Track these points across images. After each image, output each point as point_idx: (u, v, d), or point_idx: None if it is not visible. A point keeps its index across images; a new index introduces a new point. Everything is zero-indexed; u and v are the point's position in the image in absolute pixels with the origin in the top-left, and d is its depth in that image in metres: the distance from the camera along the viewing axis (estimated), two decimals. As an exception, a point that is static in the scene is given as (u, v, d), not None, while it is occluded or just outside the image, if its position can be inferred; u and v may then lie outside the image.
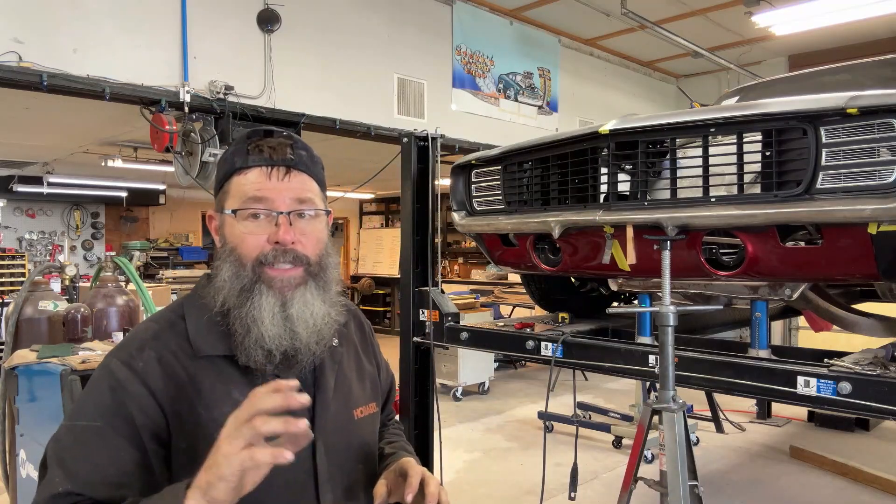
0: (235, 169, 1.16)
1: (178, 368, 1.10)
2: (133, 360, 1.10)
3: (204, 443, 1.02)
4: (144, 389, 1.07)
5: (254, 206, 1.13)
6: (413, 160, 3.38)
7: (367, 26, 5.88)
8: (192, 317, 1.16)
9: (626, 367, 2.46)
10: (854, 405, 1.89)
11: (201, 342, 1.13)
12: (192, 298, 1.20)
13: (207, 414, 1.08)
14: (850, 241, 1.89)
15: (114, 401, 1.07)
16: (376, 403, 1.34)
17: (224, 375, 1.12)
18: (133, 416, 1.06)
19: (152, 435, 1.07)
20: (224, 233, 1.17)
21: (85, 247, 12.14)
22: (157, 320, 1.19)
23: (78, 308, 3.19)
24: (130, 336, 1.18)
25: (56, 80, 4.10)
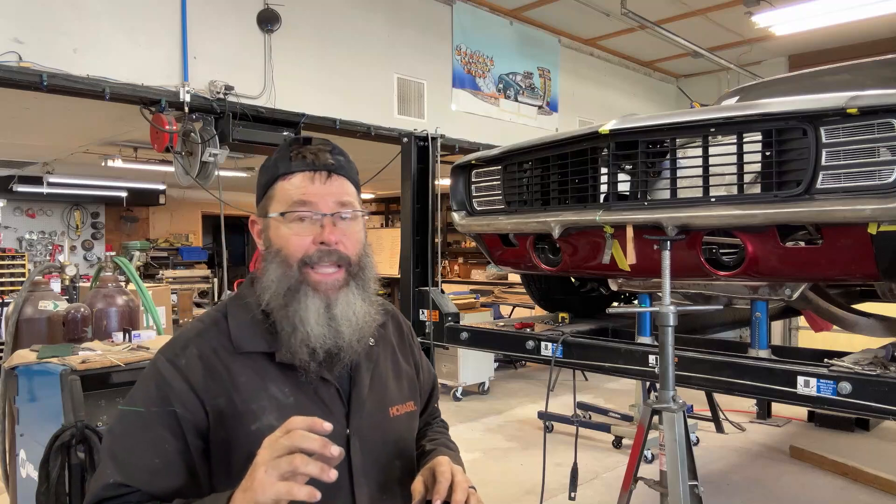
0: (279, 175, 1.22)
1: (218, 364, 1.16)
2: (177, 357, 1.17)
3: (241, 433, 1.12)
4: (186, 385, 1.14)
5: (300, 209, 1.19)
6: (413, 160, 3.38)
7: (367, 26, 5.88)
8: (235, 316, 1.22)
9: (626, 367, 2.46)
10: (854, 405, 1.89)
11: (241, 339, 1.18)
12: (235, 299, 1.26)
13: (244, 406, 1.14)
14: (850, 241, 1.89)
15: (159, 395, 1.14)
16: (414, 402, 1.37)
17: (262, 371, 1.17)
18: (176, 410, 1.12)
19: (193, 428, 1.13)
20: (269, 236, 1.23)
21: (85, 247, 12.14)
22: (203, 319, 1.26)
23: (78, 308, 3.18)
24: (178, 334, 1.25)
25: (56, 80, 4.10)
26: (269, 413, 1.14)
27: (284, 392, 1.17)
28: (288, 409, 1.13)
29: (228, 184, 9.43)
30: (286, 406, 1.15)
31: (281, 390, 1.17)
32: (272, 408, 1.14)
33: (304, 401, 1.17)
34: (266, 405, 1.14)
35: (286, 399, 1.16)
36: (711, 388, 2.30)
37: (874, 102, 1.78)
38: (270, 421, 1.12)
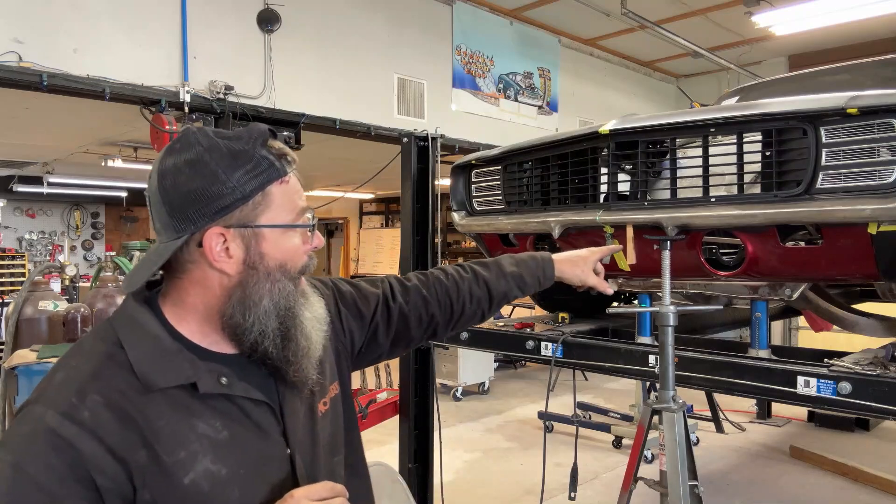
0: (274, 178, 1.03)
1: (131, 409, 0.93)
2: (76, 409, 0.91)
3: (172, 491, 0.94)
4: (99, 446, 0.90)
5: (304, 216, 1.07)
6: (413, 160, 3.38)
7: (367, 26, 5.88)
8: (135, 346, 0.98)
9: (626, 367, 2.46)
10: (854, 405, 1.89)
11: (152, 374, 0.96)
12: (126, 324, 1.02)
13: (171, 457, 0.94)
14: (850, 241, 1.89)
15: (63, 463, 0.88)
16: (339, 381, 1.24)
17: (183, 408, 0.97)
18: (95, 481, 0.89)
19: (116, 498, 0.91)
20: (260, 250, 1.02)
21: (85, 247, 12.14)
22: (88, 355, 0.99)
23: (78, 308, 3.19)
24: (62, 377, 0.97)
25: (56, 80, 4.10)
26: (203, 456, 0.96)
27: (215, 427, 0.98)
28: (222, 446, 0.98)
29: (228, 184, 9.41)
30: (220, 442, 0.98)
31: (211, 425, 0.98)
32: (205, 449, 0.96)
33: (238, 431, 1.01)
34: (197, 448, 0.96)
35: (219, 434, 0.98)
36: (711, 388, 2.30)
37: (874, 102, 1.78)
38: (206, 465, 0.96)
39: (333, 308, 1.29)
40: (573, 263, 1.65)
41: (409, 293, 1.40)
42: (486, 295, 1.47)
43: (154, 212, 1.04)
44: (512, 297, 1.54)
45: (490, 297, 1.48)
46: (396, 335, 1.38)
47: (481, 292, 1.47)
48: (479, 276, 1.48)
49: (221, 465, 0.97)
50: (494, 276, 1.50)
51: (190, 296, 1.03)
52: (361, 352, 1.35)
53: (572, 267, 1.65)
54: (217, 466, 0.97)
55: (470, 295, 1.45)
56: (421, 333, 1.42)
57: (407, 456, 3.39)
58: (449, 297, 1.43)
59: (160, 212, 1.02)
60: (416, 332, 1.40)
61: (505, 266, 1.53)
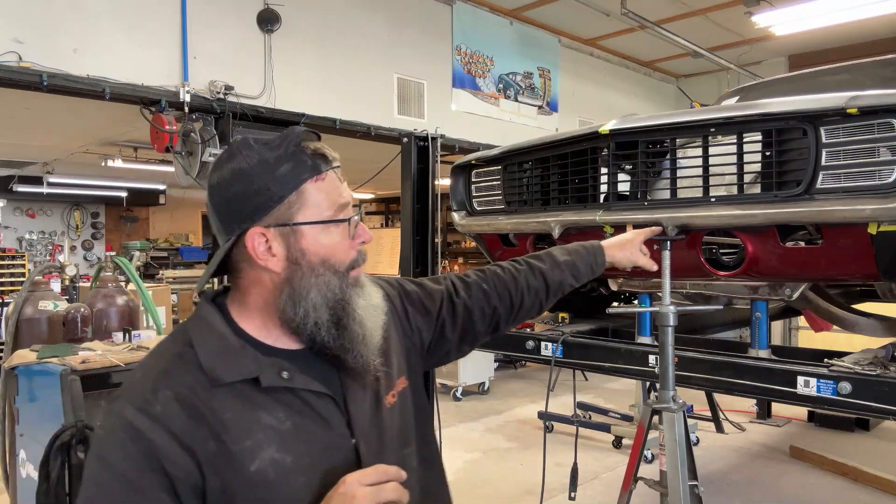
0: (308, 177, 1.08)
1: (199, 403, 1.01)
2: (149, 404, 1.00)
3: (240, 478, 0.99)
4: (169, 437, 0.98)
5: (345, 212, 1.11)
6: (413, 160, 3.38)
7: (367, 26, 5.88)
8: (203, 344, 1.06)
9: (626, 367, 2.46)
10: (854, 405, 1.90)
11: (219, 369, 1.03)
12: (196, 324, 1.10)
13: (237, 445, 1.00)
14: (850, 241, 1.89)
15: (139, 453, 0.97)
16: (406, 376, 1.27)
17: (248, 400, 1.03)
18: (165, 468, 0.97)
19: (187, 485, 0.98)
20: (301, 247, 1.07)
21: (85, 247, 12.14)
22: (161, 354, 1.09)
23: (78, 308, 3.19)
24: (140, 375, 1.07)
25: (56, 80, 4.10)
26: (268, 446, 1.02)
27: (279, 418, 1.04)
28: (287, 436, 1.04)
29: (228, 184, 9.41)
30: (284, 433, 1.04)
31: (275, 417, 1.04)
32: (269, 439, 1.02)
33: (302, 422, 1.06)
34: (262, 438, 1.01)
35: (282, 425, 1.04)
36: (711, 388, 2.30)
37: (874, 102, 1.78)
38: (271, 454, 1.02)
39: (400, 307, 1.34)
40: (622, 247, 1.72)
41: (470, 288, 1.44)
42: (543, 285, 1.52)
43: (210, 218, 1.13)
44: (567, 287, 1.57)
45: (547, 287, 1.52)
46: (463, 330, 1.42)
47: (538, 283, 1.51)
48: (535, 268, 1.52)
49: (286, 453, 1.02)
50: (549, 266, 1.54)
51: (250, 294, 1.11)
52: (431, 348, 1.39)
53: (621, 250, 1.71)
54: (282, 455, 1.02)
55: (527, 286, 1.49)
56: (485, 327, 1.45)
57: (407, 456, 3.39)
58: (508, 289, 1.47)
59: (213, 219, 1.11)
60: (480, 325, 1.44)
61: (557, 256, 1.58)
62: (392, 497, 0.98)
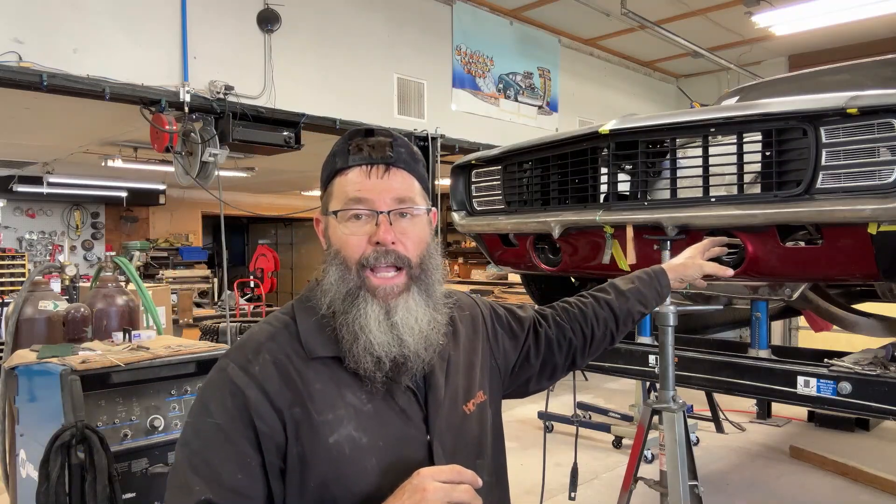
0: (337, 170, 1.15)
1: (293, 371, 1.08)
2: (250, 363, 1.08)
3: (318, 447, 1.05)
4: (262, 395, 1.05)
5: (354, 206, 1.12)
6: (413, 160, 3.38)
7: (367, 26, 5.88)
8: (303, 318, 1.14)
9: (626, 367, 2.46)
10: (854, 405, 1.90)
11: (313, 343, 1.11)
12: (302, 300, 1.19)
13: (321, 416, 1.06)
14: (850, 241, 1.89)
15: (235, 406, 1.05)
16: (483, 391, 1.29)
17: (335, 377, 1.10)
18: (254, 423, 1.04)
19: (273, 445, 1.05)
20: (329, 235, 1.16)
21: (85, 247, 12.14)
22: (272, 322, 1.17)
23: (78, 308, 3.18)
24: (247, 337, 1.15)
25: (56, 80, 4.10)
26: (348, 422, 1.07)
27: (361, 399, 1.09)
28: (366, 417, 1.08)
29: (228, 184, 9.43)
30: (364, 414, 1.09)
31: (358, 397, 1.09)
32: (350, 416, 1.07)
33: (382, 408, 1.11)
34: (343, 414, 1.07)
35: (364, 406, 1.09)
36: (711, 388, 2.31)
37: (874, 102, 1.78)
38: (349, 431, 1.06)
39: (490, 327, 1.39)
40: (685, 266, 1.69)
41: (548, 320, 1.48)
42: (612, 315, 1.53)
43: None
44: (637, 314, 1.57)
45: (615, 317, 1.53)
46: (544, 359, 1.45)
47: (606, 313, 1.52)
48: (600, 299, 1.54)
49: (363, 433, 1.07)
50: (614, 296, 1.55)
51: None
52: (515, 370, 1.42)
53: (685, 269, 1.68)
54: (359, 434, 1.07)
55: (596, 317, 1.51)
56: (563, 360, 1.48)
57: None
58: (578, 321, 1.49)
59: None
60: (559, 357, 1.46)
61: (620, 285, 1.58)
62: (464, 499, 0.98)
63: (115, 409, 2.50)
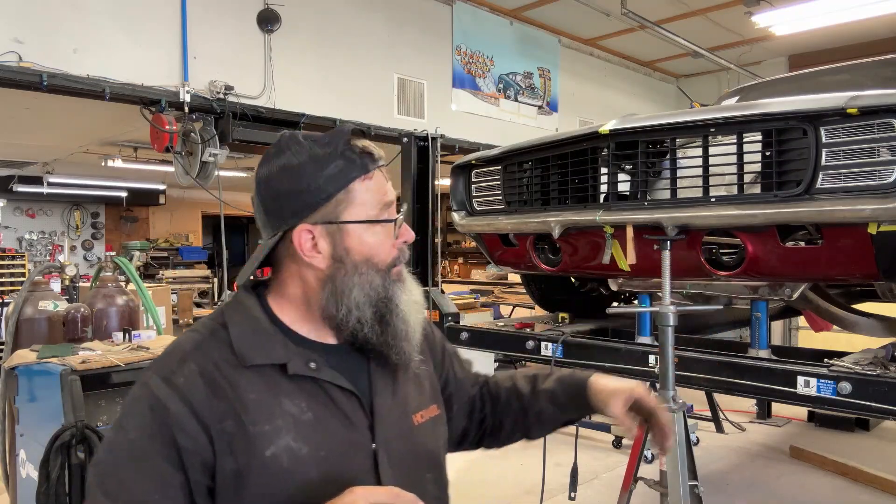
0: (356, 175, 1.09)
1: (222, 380, 1.01)
2: (173, 374, 1.02)
3: (254, 461, 0.99)
4: (186, 409, 0.98)
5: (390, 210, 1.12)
6: (413, 160, 3.38)
7: (367, 26, 5.88)
8: (237, 325, 1.07)
9: (626, 367, 2.46)
10: (854, 405, 1.90)
11: (247, 350, 1.04)
12: (234, 307, 1.12)
13: (256, 428, 1.00)
14: (850, 241, 1.89)
15: (155, 421, 0.98)
16: (437, 406, 1.26)
17: (273, 385, 1.03)
18: (176, 440, 0.97)
19: (198, 462, 0.98)
20: (346, 245, 1.08)
21: (85, 247, 12.14)
22: (198, 329, 1.11)
23: (78, 308, 3.18)
24: (172, 347, 1.09)
25: (56, 80, 4.10)
26: (286, 433, 1.01)
27: (301, 407, 1.04)
28: (306, 426, 1.03)
29: (228, 184, 9.42)
30: (304, 423, 1.03)
31: (296, 405, 1.03)
32: (288, 426, 1.02)
33: (324, 415, 1.05)
34: (281, 424, 1.01)
35: (303, 414, 1.04)
36: (711, 388, 2.31)
37: (874, 102, 1.78)
38: (288, 441, 1.01)
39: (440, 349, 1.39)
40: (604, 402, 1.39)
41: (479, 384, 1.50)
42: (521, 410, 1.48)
43: (256, 212, 1.14)
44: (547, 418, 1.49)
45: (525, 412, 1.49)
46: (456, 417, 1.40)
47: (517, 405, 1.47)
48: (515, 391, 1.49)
49: (303, 443, 1.02)
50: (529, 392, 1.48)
51: (290, 287, 1.12)
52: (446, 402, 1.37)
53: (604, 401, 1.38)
54: (298, 444, 1.01)
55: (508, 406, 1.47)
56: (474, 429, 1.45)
57: (407, 456, 3.39)
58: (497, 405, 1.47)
59: (259, 212, 1.12)
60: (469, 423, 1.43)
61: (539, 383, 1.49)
62: None
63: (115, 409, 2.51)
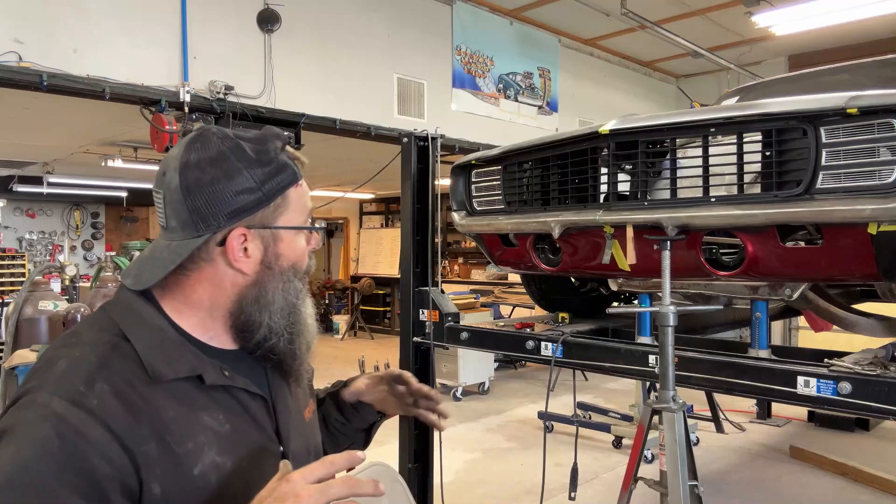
0: (292, 182, 1.07)
1: (138, 400, 0.92)
2: (85, 397, 0.89)
3: (182, 482, 0.93)
4: (108, 435, 0.88)
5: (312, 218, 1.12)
6: (413, 160, 3.38)
7: (367, 26, 5.88)
8: (140, 338, 0.98)
9: (626, 367, 2.46)
10: (854, 405, 1.89)
11: (159, 365, 0.96)
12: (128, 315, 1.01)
13: (180, 448, 0.94)
14: (850, 241, 1.89)
15: (64, 451, 0.85)
16: (312, 400, 1.29)
17: (189, 400, 0.98)
18: (94, 469, 0.85)
19: (120, 488, 0.87)
20: (276, 250, 1.06)
21: (85, 247, 12.14)
22: (91, 345, 0.97)
23: (78, 308, 3.19)
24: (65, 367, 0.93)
25: (56, 80, 4.10)
26: (209, 448, 0.96)
27: (219, 419, 0.99)
28: (225, 439, 0.99)
29: (228, 184, 9.40)
30: (223, 435, 0.99)
31: (214, 418, 0.99)
32: (210, 441, 0.97)
33: (239, 424, 1.02)
34: (203, 440, 0.96)
35: (222, 427, 0.99)
36: (711, 388, 2.30)
37: (874, 102, 1.78)
38: (212, 457, 0.96)
39: None
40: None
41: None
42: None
43: (170, 209, 1.02)
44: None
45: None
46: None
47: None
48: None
49: (226, 457, 0.98)
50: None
51: (196, 292, 1.04)
52: None
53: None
54: (223, 459, 0.98)
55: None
56: None
57: (407, 456, 3.39)
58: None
59: (179, 210, 1.01)
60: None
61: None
62: (343, 493, 0.87)
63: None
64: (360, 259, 13.35)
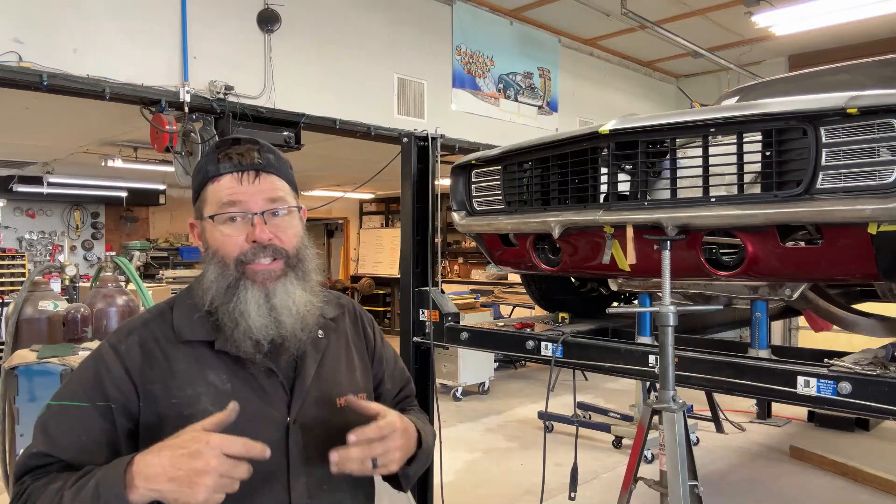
0: (209, 177, 1.27)
1: (158, 352, 1.22)
2: (120, 343, 1.23)
3: (172, 415, 1.17)
4: (122, 369, 1.20)
5: (229, 210, 1.23)
6: (413, 160, 3.38)
7: (367, 26, 5.88)
8: (179, 308, 1.28)
9: (626, 367, 2.46)
10: (854, 405, 1.89)
11: (183, 329, 1.24)
12: (183, 294, 1.32)
13: (179, 392, 1.19)
14: (850, 241, 1.89)
15: (94, 377, 1.20)
16: (367, 394, 1.37)
17: (201, 359, 1.22)
18: (108, 392, 1.18)
19: (124, 410, 1.18)
20: (206, 238, 1.28)
21: (85, 247, 12.13)
22: (151, 310, 1.32)
23: (78, 308, 3.18)
24: (125, 322, 1.31)
25: (56, 80, 4.10)
26: (205, 399, 1.19)
27: (222, 379, 1.21)
28: (224, 396, 1.18)
29: (228, 184, 9.40)
30: (223, 392, 1.20)
31: (218, 377, 1.21)
32: (208, 394, 1.19)
33: (241, 387, 1.22)
34: (202, 391, 1.19)
35: (223, 385, 1.21)
36: (711, 388, 2.30)
37: (874, 102, 1.78)
38: (206, 406, 1.18)
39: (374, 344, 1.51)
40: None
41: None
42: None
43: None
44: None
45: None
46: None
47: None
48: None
49: (218, 409, 1.12)
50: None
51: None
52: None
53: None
54: (214, 409, 1.14)
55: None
56: None
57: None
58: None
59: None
60: None
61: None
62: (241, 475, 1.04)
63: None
64: (360, 259, 13.34)
